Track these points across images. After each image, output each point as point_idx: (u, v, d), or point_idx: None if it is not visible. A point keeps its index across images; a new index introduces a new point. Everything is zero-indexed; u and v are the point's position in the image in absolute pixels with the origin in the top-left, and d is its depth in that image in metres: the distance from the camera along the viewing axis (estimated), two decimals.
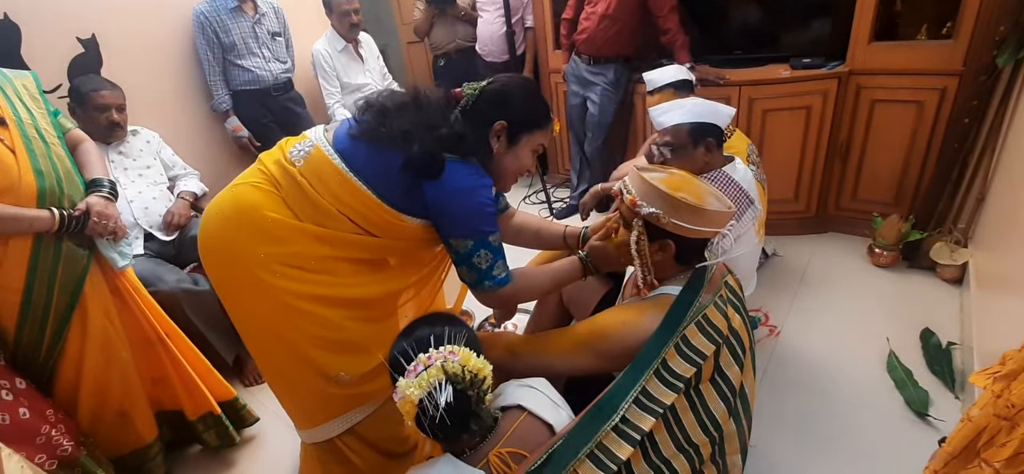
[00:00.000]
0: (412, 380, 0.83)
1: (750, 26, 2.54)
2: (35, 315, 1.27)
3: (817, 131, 2.31)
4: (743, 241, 1.47)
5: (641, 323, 0.98)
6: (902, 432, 1.52)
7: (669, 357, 0.92)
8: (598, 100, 2.74)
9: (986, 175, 1.95)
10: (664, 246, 1.01)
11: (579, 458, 0.82)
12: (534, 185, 3.44)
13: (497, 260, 1.11)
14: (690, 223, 0.97)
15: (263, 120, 2.66)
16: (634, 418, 0.87)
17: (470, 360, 0.85)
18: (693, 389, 0.93)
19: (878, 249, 2.23)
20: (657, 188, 0.97)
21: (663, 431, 0.89)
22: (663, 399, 0.89)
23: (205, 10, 2.42)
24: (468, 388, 0.84)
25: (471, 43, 3.37)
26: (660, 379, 0.90)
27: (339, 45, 2.85)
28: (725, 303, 1.03)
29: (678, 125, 1.48)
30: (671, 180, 1.00)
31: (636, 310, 1.03)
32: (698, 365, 0.92)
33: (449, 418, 0.81)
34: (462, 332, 0.90)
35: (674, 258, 1.03)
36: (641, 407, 0.88)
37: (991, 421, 0.85)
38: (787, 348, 1.88)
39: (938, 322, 1.85)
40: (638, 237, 1.01)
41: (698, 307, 0.97)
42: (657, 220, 0.97)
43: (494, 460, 0.86)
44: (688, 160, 1.48)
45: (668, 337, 0.94)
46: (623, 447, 0.84)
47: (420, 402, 0.82)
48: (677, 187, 0.98)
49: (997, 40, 1.80)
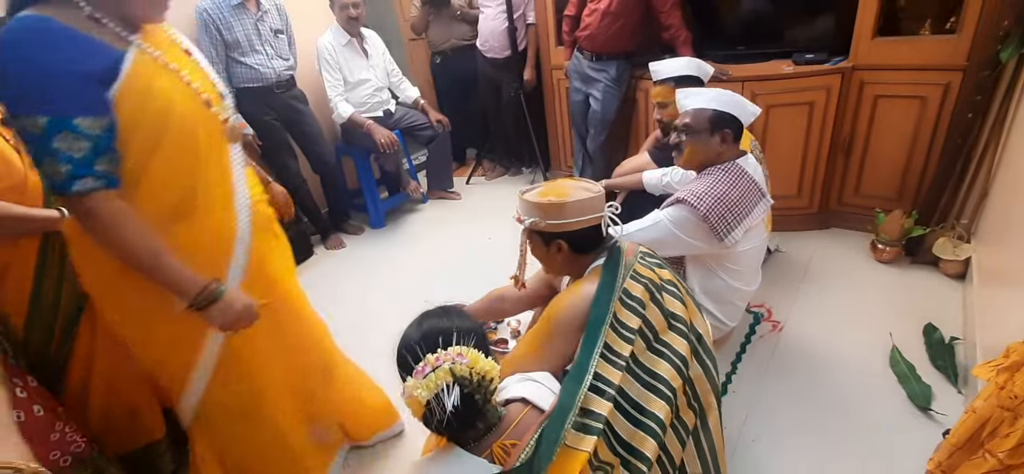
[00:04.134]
0: (420, 381, 0.83)
1: (753, 21, 2.54)
2: (44, 314, 1.27)
3: (820, 126, 2.31)
4: (753, 234, 1.48)
5: (582, 290, 1.06)
6: (905, 427, 1.53)
7: (618, 311, 1.00)
8: (600, 97, 2.74)
9: (989, 170, 1.95)
10: (558, 246, 1.11)
11: (566, 429, 0.87)
12: (536, 182, 3.44)
13: (100, 154, 0.91)
14: (561, 218, 1.08)
15: (266, 117, 2.67)
16: (604, 372, 0.94)
17: (478, 362, 0.85)
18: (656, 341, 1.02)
19: (881, 245, 2.23)
20: (527, 201, 1.11)
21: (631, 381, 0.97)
22: (622, 351, 0.97)
23: (208, 7, 2.42)
24: (475, 391, 0.85)
25: (468, 41, 3.40)
26: (615, 332, 0.98)
27: (343, 39, 2.86)
28: (647, 262, 1.12)
29: (700, 109, 1.48)
30: (542, 190, 1.13)
31: (572, 288, 1.12)
32: (642, 315, 1.01)
33: (456, 419, 0.82)
34: (471, 332, 0.90)
35: (571, 251, 1.12)
36: (607, 361, 0.95)
37: (995, 412, 0.86)
38: (790, 343, 1.89)
39: (941, 317, 1.86)
40: (531, 245, 1.17)
41: (626, 264, 1.07)
42: (537, 227, 1.11)
43: (497, 451, 0.88)
44: (703, 146, 1.48)
45: (611, 294, 1.01)
46: (602, 404, 0.91)
47: (427, 403, 0.82)
48: (544, 194, 1.11)
49: (1000, 35, 1.80)
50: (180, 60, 1.06)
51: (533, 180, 3.52)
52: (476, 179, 3.74)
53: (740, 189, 1.42)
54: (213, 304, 1.06)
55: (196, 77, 1.08)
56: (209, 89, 1.11)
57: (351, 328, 2.32)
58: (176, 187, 1.04)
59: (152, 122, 0.97)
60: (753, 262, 1.57)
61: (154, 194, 1.01)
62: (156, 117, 0.97)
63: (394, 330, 0.96)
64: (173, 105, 0.99)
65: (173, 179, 1.03)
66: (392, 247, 3.01)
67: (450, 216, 3.29)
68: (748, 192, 1.43)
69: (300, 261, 2.90)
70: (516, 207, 1.16)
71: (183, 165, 1.04)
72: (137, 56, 0.95)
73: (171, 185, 1.03)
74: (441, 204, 3.45)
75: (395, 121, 3.11)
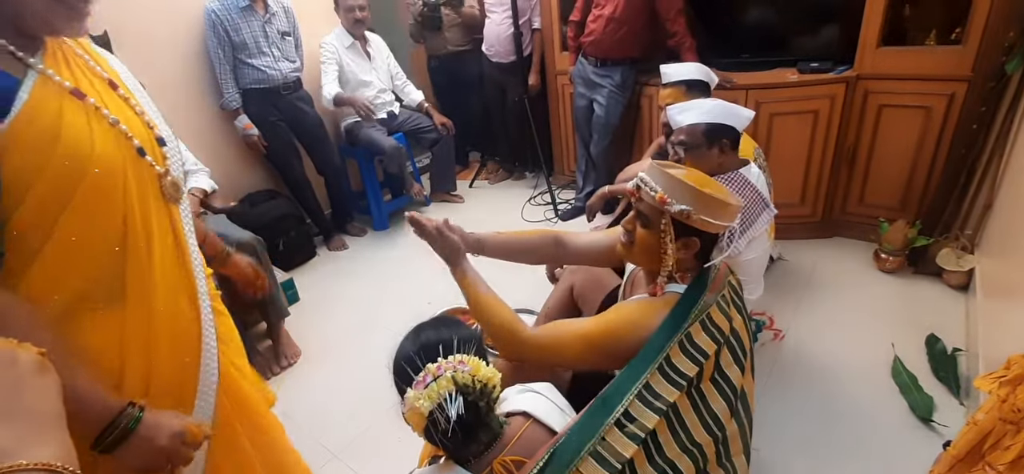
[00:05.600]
0: (421, 392, 0.81)
1: (758, 29, 2.55)
2: None
3: (824, 135, 2.31)
4: (756, 244, 1.48)
5: (651, 324, 0.96)
6: (906, 438, 1.52)
7: (673, 354, 0.90)
8: (605, 102, 2.75)
9: (994, 181, 1.94)
10: (689, 243, 0.98)
11: (582, 456, 0.80)
12: (540, 186, 3.45)
13: None
14: (717, 219, 0.95)
15: (272, 118, 2.69)
16: (637, 413, 0.85)
17: (480, 369, 0.84)
18: (694, 388, 0.93)
19: (884, 254, 2.23)
20: (687, 184, 0.94)
21: (666, 431, 0.88)
22: (666, 396, 0.87)
23: (216, 9, 2.44)
24: (479, 399, 0.83)
25: (463, 47, 3.43)
26: (664, 375, 0.89)
27: (347, 41, 2.88)
28: (727, 304, 1.02)
29: (693, 125, 1.48)
30: (694, 176, 0.98)
31: (647, 310, 1.00)
32: (700, 364, 0.91)
33: (460, 429, 0.81)
34: (471, 339, 0.88)
35: (696, 255, 1.00)
36: (644, 402, 0.86)
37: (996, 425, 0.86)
38: (792, 352, 1.89)
39: (944, 328, 1.85)
40: (667, 236, 0.98)
41: (702, 305, 0.96)
42: (687, 218, 0.95)
43: (497, 468, 0.85)
44: (702, 160, 1.49)
45: (672, 334, 0.92)
46: (627, 445, 0.82)
47: (430, 414, 0.80)
48: (703, 183, 0.96)
49: (1006, 46, 1.80)
50: (102, 93, 0.77)
51: (536, 185, 3.53)
52: (479, 182, 3.75)
53: (744, 199, 1.42)
54: (122, 442, 0.70)
55: (124, 116, 0.78)
56: (141, 133, 0.80)
57: (353, 329, 2.33)
58: (90, 264, 0.73)
59: (58, 172, 0.68)
60: (756, 271, 1.57)
61: (56, 275, 0.70)
62: (64, 165, 0.68)
63: (396, 331, 0.94)
64: (91, 149, 0.71)
65: (86, 251, 0.72)
66: (395, 249, 3.02)
67: (453, 219, 3.28)
68: (752, 203, 1.43)
69: (303, 262, 2.91)
70: (654, 182, 0.98)
71: (103, 231, 0.73)
72: (39, 84, 0.68)
73: (82, 260, 0.72)
74: (444, 206, 3.45)
75: (399, 124, 3.13)
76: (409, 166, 3.12)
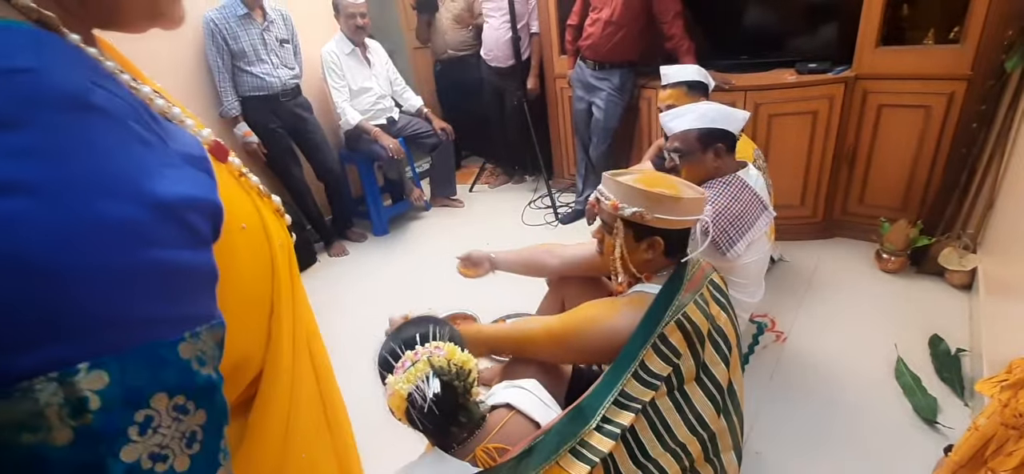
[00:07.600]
0: (400, 376, 0.87)
1: (756, 31, 2.54)
2: None
3: (823, 136, 2.30)
4: (756, 247, 1.47)
5: (611, 320, 0.99)
6: (910, 439, 1.51)
7: (647, 357, 0.93)
8: (603, 105, 2.75)
9: (995, 180, 1.93)
10: (653, 243, 1.02)
11: (561, 452, 0.85)
12: (540, 190, 3.45)
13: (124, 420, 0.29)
14: (672, 214, 0.99)
15: (271, 126, 2.70)
16: (614, 416, 0.89)
17: (455, 354, 0.89)
18: (677, 390, 0.95)
19: (886, 254, 2.22)
20: (635, 187, 0.99)
21: (648, 431, 0.91)
22: (642, 397, 0.91)
23: (215, 17, 2.45)
24: (454, 379, 0.88)
25: (465, 51, 3.43)
26: (638, 379, 0.92)
27: (347, 48, 2.88)
28: (707, 302, 1.03)
29: (687, 131, 1.48)
30: (644, 178, 1.03)
31: (607, 306, 1.04)
32: (674, 364, 0.93)
33: (438, 409, 0.85)
34: (445, 329, 0.94)
35: (664, 253, 1.03)
36: (620, 406, 0.90)
37: (999, 430, 0.85)
38: (794, 354, 1.88)
39: (947, 328, 1.84)
40: (624, 240, 1.04)
41: (677, 305, 0.97)
42: (641, 218, 0.99)
43: (480, 454, 0.90)
44: (698, 165, 1.48)
45: (647, 336, 0.94)
46: (605, 442, 0.87)
47: (409, 395, 0.85)
48: (653, 183, 1.01)
49: (1005, 44, 1.80)
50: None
51: (536, 188, 3.52)
52: (479, 187, 3.75)
53: (742, 203, 1.41)
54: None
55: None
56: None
57: (353, 335, 2.32)
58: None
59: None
60: (756, 274, 1.56)
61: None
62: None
63: None
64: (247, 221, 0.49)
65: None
66: (395, 254, 3.02)
67: (453, 223, 3.30)
68: (750, 206, 1.42)
69: (303, 268, 2.91)
70: (607, 190, 1.04)
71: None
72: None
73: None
74: (444, 211, 3.45)
75: (398, 129, 3.13)
76: (409, 171, 3.13)
